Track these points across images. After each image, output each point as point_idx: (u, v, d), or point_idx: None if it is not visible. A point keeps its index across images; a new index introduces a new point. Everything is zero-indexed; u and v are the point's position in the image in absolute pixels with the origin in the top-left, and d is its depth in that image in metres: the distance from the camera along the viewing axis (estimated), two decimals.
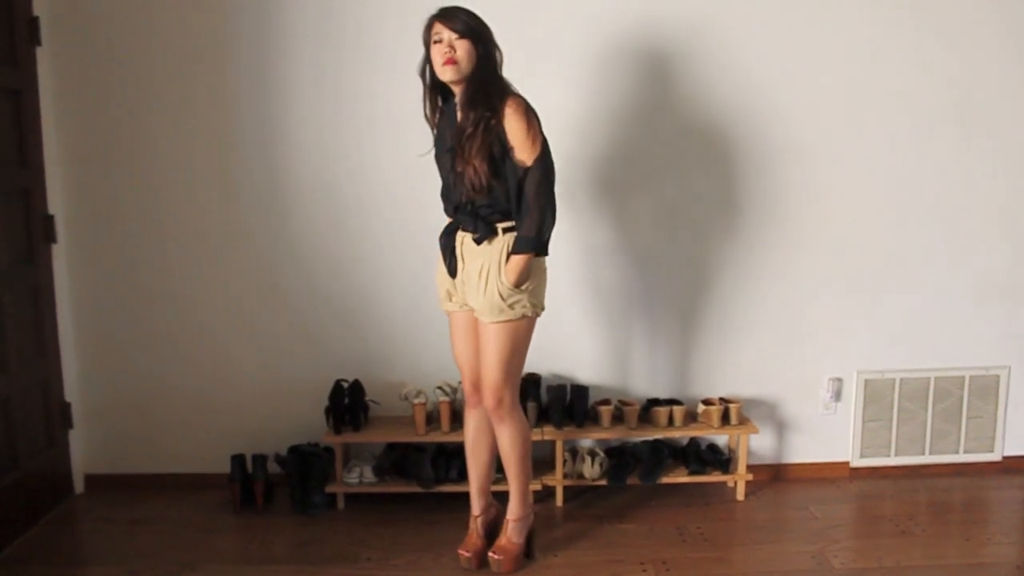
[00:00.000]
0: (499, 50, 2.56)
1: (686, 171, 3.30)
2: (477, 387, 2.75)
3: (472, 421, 2.82)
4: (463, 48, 2.47)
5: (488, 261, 2.56)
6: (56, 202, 3.21)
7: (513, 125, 2.47)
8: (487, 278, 2.56)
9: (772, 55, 3.23)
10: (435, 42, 2.51)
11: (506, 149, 2.49)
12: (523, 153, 2.49)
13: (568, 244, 3.28)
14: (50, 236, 3.19)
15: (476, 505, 2.87)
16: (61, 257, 3.25)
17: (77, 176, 3.24)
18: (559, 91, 3.15)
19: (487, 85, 2.51)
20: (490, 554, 2.75)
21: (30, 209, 3.08)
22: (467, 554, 2.78)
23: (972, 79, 3.29)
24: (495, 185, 2.52)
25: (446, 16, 2.50)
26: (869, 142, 3.31)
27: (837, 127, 3.29)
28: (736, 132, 3.28)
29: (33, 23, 3.07)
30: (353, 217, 3.27)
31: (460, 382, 2.98)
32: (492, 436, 2.82)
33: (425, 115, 2.67)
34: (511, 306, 2.56)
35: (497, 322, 2.58)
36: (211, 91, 3.20)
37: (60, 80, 3.17)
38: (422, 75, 2.62)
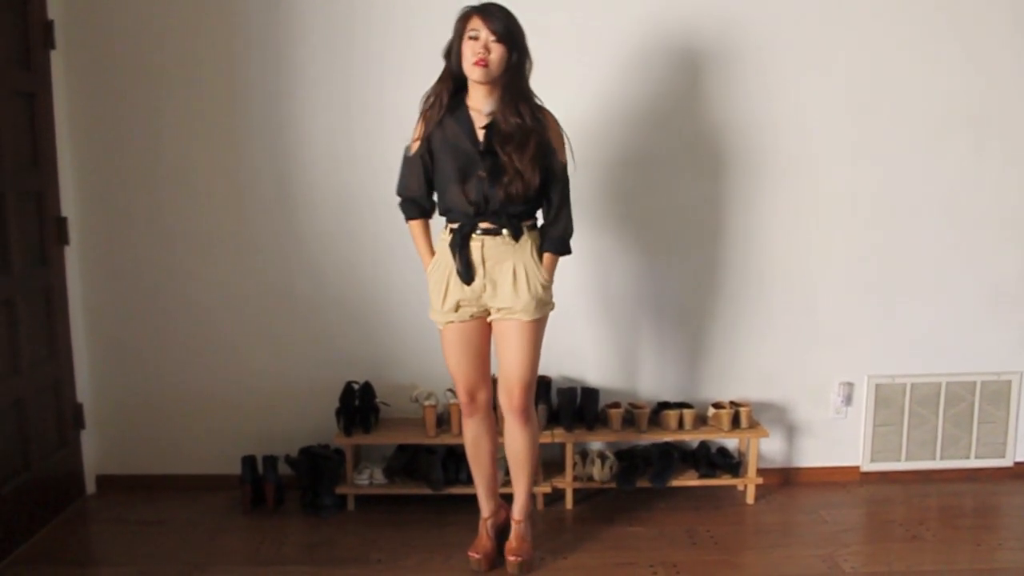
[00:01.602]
0: (530, 59, 2.53)
1: (696, 174, 3.30)
2: (474, 396, 2.74)
3: (472, 430, 2.80)
4: (498, 52, 2.44)
5: (520, 260, 2.58)
6: (69, 204, 3.22)
7: (555, 135, 2.58)
8: (526, 276, 2.58)
9: (785, 61, 3.23)
10: (470, 37, 2.45)
11: (548, 158, 2.55)
12: (561, 160, 2.59)
13: (579, 247, 3.25)
14: (63, 238, 3.20)
15: (486, 507, 2.87)
16: (74, 259, 3.26)
17: (90, 179, 3.25)
18: (570, 95, 3.15)
19: (525, 95, 2.51)
20: (512, 557, 2.74)
21: (43, 211, 3.09)
22: (477, 556, 2.78)
23: (985, 86, 3.29)
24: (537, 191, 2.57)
25: (488, 14, 2.44)
26: (881, 148, 3.31)
27: (848, 133, 3.29)
28: (747, 136, 3.28)
29: (48, 27, 3.09)
30: (363, 220, 3.28)
31: None
32: (492, 441, 2.83)
33: (428, 100, 2.57)
34: (548, 301, 2.63)
35: (536, 319, 2.61)
36: (223, 95, 3.21)
37: (74, 83, 3.19)
38: (447, 58, 2.55)
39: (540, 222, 2.69)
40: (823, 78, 3.25)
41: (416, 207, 2.67)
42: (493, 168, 2.51)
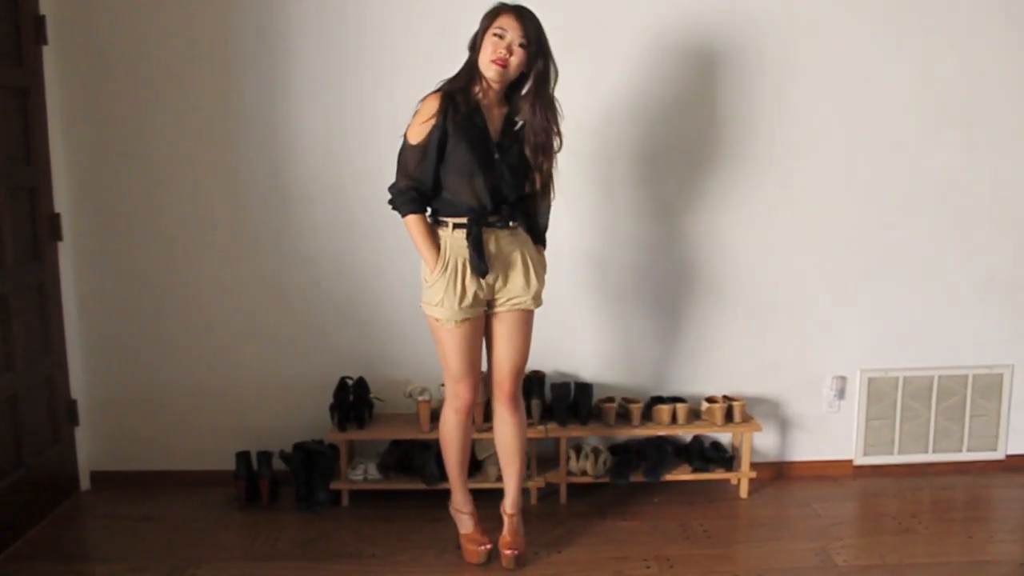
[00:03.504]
0: (556, 68, 2.53)
1: (691, 168, 3.31)
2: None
3: (463, 427, 2.79)
4: (519, 57, 2.45)
5: (526, 249, 2.65)
6: (62, 200, 3.22)
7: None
8: (532, 265, 2.64)
9: (778, 56, 3.23)
10: (494, 34, 2.44)
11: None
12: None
13: (574, 241, 3.29)
14: (56, 234, 3.20)
15: (470, 502, 2.89)
16: (67, 255, 3.26)
17: (83, 174, 3.25)
18: (567, 89, 3.15)
19: (551, 104, 2.55)
20: (507, 551, 2.75)
21: (36, 207, 3.09)
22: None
23: (976, 80, 3.29)
24: None
25: (521, 16, 2.44)
26: (874, 142, 3.31)
27: (841, 127, 3.29)
28: (742, 131, 3.28)
29: (40, 22, 3.08)
30: (358, 216, 3.28)
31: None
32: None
33: (452, 83, 2.52)
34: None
35: (537, 307, 2.69)
36: (216, 90, 3.21)
37: (66, 79, 3.18)
38: (472, 50, 2.52)
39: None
40: (817, 76, 3.25)
41: (418, 199, 2.56)
42: (514, 167, 2.55)
